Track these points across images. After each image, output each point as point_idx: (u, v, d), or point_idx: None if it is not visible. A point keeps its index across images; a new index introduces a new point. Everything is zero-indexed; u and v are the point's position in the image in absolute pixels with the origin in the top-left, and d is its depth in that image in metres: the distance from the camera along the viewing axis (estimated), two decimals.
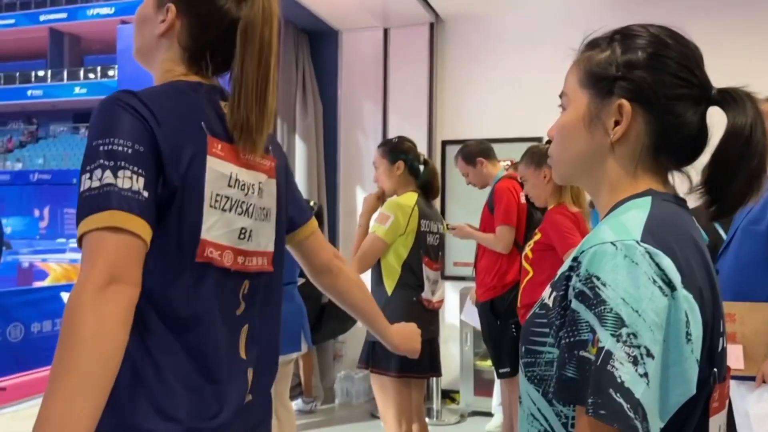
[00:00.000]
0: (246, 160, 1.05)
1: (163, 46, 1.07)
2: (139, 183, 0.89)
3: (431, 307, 2.63)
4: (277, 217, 1.14)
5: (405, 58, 4.56)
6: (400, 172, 2.66)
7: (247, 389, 1.05)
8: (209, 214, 0.98)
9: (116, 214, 0.86)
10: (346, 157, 4.65)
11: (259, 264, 1.08)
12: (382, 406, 2.63)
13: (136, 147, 0.90)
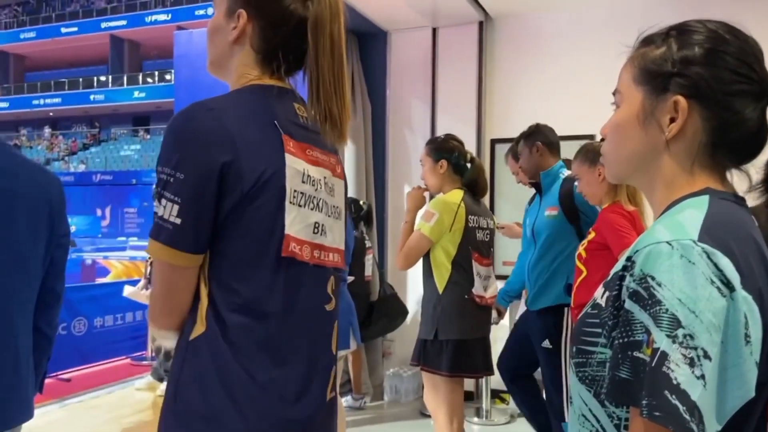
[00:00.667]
0: (312, 157, 1.09)
1: (237, 52, 1.10)
2: (173, 211, 0.95)
3: (483, 303, 2.62)
4: (345, 218, 1.18)
5: (454, 56, 4.55)
6: (443, 170, 2.67)
7: (332, 385, 1.08)
8: (290, 210, 1.01)
9: (155, 244, 0.98)
10: (395, 156, 4.67)
11: (334, 260, 1.11)
12: (433, 404, 2.63)
13: (178, 175, 0.95)
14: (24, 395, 1.58)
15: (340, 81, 1.07)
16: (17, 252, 1.54)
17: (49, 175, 1.69)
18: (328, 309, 1.08)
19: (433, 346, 2.56)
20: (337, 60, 1.06)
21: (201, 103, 1.00)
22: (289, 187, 1.01)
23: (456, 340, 2.54)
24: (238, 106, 1.02)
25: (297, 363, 1.01)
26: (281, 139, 1.02)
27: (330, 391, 1.07)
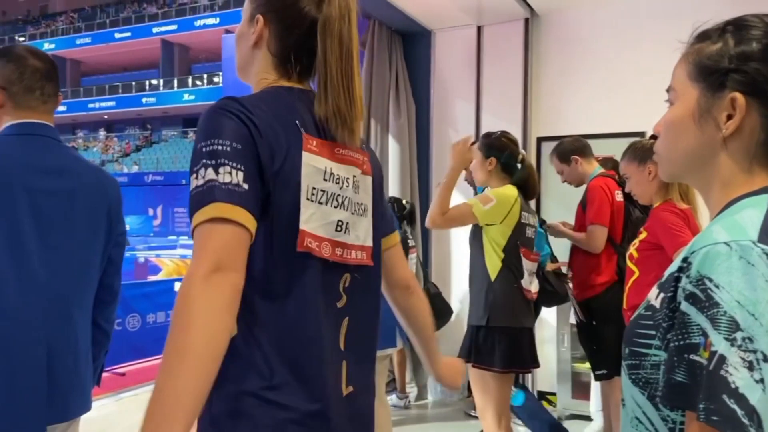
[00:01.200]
0: (340, 155, 1.10)
1: (257, 56, 1.15)
2: (239, 177, 0.95)
3: (529, 297, 2.63)
4: (374, 214, 1.18)
5: (499, 54, 4.50)
6: (491, 168, 2.68)
7: (346, 380, 1.09)
8: (306, 206, 1.03)
9: (219, 206, 0.92)
10: (439, 155, 4.65)
11: (358, 257, 1.12)
12: (481, 401, 2.62)
13: (234, 145, 0.96)
14: (83, 388, 1.65)
15: (349, 79, 1.08)
16: (78, 251, 1.60)
17: (107, 176, 1.76)
18: (339, 306, 1.09)
19: (486, 342, 2.55)
20: (345, 59, 1.08)
21: (237, 98, 1.03)
22: (306, 184, 1.03)
23: (508, 330, 2.55)
24: (265, 104, 1.04)
25: (305, 356, 1.02)
26: (301, 137, 1.04)
27: (346, 386, 1.08)
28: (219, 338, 0.88)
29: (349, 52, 1.08)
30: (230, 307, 0.90)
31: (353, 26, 1.10)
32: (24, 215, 1.50)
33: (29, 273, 1.50)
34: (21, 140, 1.56)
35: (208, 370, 0.86)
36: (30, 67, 1.59)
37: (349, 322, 1.11)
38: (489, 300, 2.56)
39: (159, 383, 0.84)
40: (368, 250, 1.15)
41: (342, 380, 1.08)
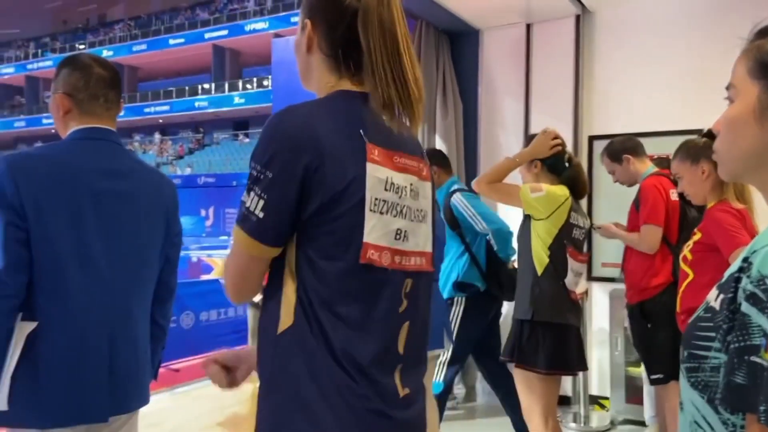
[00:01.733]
0: (399, 164, 1.11)
1: (313, 62, 1.15)
2: (258, 205, 1.02)
3: (573, 297, 2.59)
4: (432, 219, 1.19)
5: (549, 52, 4.44)
6: (536, 170, 2.65)
7: (402, 383, 1.10)
8: (369, 218, 1.04)
9: (236, 229, 1.06)
10: (487, 155, 4.61)
11: (417, 264, 1.13)
12: (526, 403, 2.59)
13: (267, 174, 1.01)
14: (142, 382, 1.71)
15: (397, 64, 1.06)
16: (138, 250, 1.67)
17: (165, 179, 1.83)
18: (400, 311, 1.11)
19: (530, 340, 2.52)
20: (390, 44, 1.06)
21: (295, 107, 1.05)
22: (369, 195, 1.03)
23: (553, 327, 2.51)
24: (328, 113, 1.05)
25: (371, 361, 1.04)
26: (365, 148, 1.05)
27: (402, 388, 1.09)
28: None
29: (394, 37, 1.07)
30: None
31: (395, 10, 1.09)
32: (89, 217, 1.56)
33: (94, 271, 1.56)
34: (86, 144, 1.64)
35: None
36: (95, 75, 1.66)
37: (408, 326, 1.12)
38: (535, 294, 2.54)
39: None
40: (428, 256, 1.16)
41: (399, 383, 1.09)
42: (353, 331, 1.03)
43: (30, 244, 1.48)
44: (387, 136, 1.10)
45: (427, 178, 1.18)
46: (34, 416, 1.50)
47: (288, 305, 1.04)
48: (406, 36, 1.10)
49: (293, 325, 1.03)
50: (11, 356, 1.47)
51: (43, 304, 1.50)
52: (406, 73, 1.07)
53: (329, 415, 1.00)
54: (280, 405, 1.03)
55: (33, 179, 1.50)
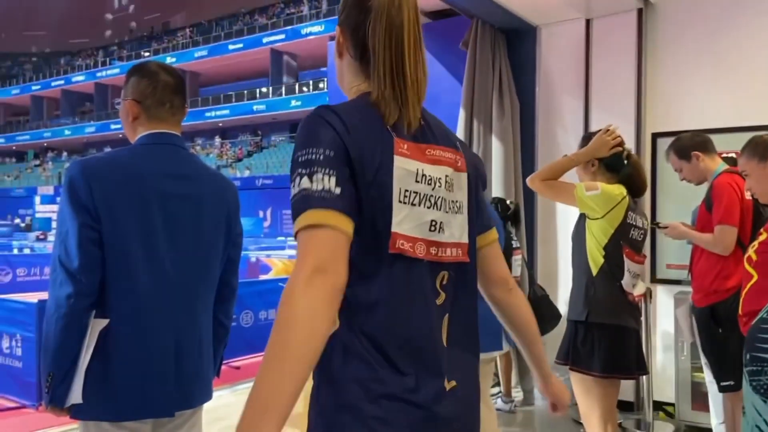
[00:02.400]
0: (432, 156, 1.12)
1: (344, 67, 1.19)
2: (331, 182, 0.99)
3: (630, 299, 2.52)
4: (469, 210, 1.19)
5: (609, 47, 4.32)
6: (594, 169, 2.60)
7: (448, 375, 1.10)
8: (398, 209, 1.05)
9: (313, 212, 0.97)
10: (544, 154, 4.53)
11: (454, 255, 1.13)
12: (584, 407, 2.53)
13: (327, 152, 1.01)
14: (206, 379, 1.77)
15: (399, 66, 1.08)
16: (202, 251, 1.73)
17: (226, 181, 1.88)
18: (438, 303, 1.10)
19: (585, 342, 2.47)
20: (395, 45, 1.08)
21: (330, 106, 1.08)
22: (398, 187, 1.05)
23: (609, 329, 2.45)
24: (356, 110, 1.08)
25: (406, 352, 1.04)
26: (393, 142, 1.06)
27: (448, 381, 1.09)
28: (318, 337, 0.91)
29: (400, 38, 1.09)
30: (330, 307, 0.94)
31: (406, 11, 1.10)
32: (156, 218, 1.63)
33: (161, 271, 1.63)
34: (153, 149, 1.70)
35: (304, 368, 0.89)
36: (161, 82, 1.73)
37: (449, 318, 1.13)
38: (590, 295, 2.48)
39: (258, 379, 0.88)
40: (464, 247, 1.16)
41: (445, 375, 1.09)
42: (390, 325, 1.03)
43: (102, 245, 1.55)
44: (418, 130, 1.12)
45: (463, 169, 1.18)
46: (106, 410, 1.57)
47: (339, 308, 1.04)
48: (415, 37, 1.11)
49: (339, 327, 1.04)
50: (85, 352, 1.54)
51: (113, 302, 1.57)
52: (406, 75, 1.09)
53: (374, 412, 1.00)
54: (327, 406, 1.04)
55: (105, 183, 1.57)
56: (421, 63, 1.12)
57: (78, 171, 1.56)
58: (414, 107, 1.11)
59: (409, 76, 1.09)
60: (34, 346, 4.25)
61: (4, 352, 4.50)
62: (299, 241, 0.97)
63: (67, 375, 1.54)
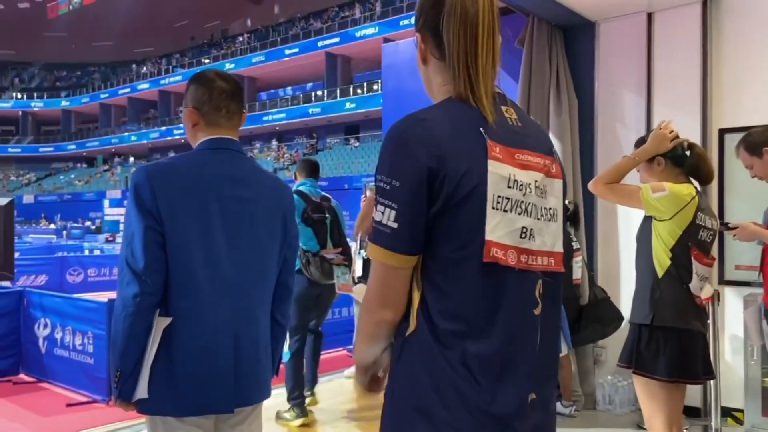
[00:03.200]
0: (521, 161, 1.09)
1: (431, 72, 1.18)
2: (390, 216, 1.02)
3: (698, 302, 2.44)
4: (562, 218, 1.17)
5: (672, 41, 4.16)
6: (661, 167, 2.52)
7: (532, 387, 1.08)
8: (491, 215, 1.03)
9: (373, 247, 1.06)
10: (604, 152, 4.41)
11: (545, 264, 1.11)
12: (648, 412, 2.45)
13: (394, 183, 1.02)
14: (264, 376, 1.81)
15: (473, 57, 1.08)
16: (259, 252, 1.77)
17: (282, 184, 1.92)
18: (536, 313, 1.08)
19: (649, 345, 2.39)
20: (469, 38, 1.08)
21: (413, 114, 1.07)
22: (492, 193, 1.03)
23: (675, 333, 2.38)
24: (445, 115, 1.06)
25: (496, 361, 1.03)
26: (486, 145, 1.04)
27: (531, 392, 1.07)
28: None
29: (474, 29, 1.08)
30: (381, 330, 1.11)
31: (481, 9, 1.09)
32: (216, 220, 1.68)
33: (220, 272, 1.68)
34: (212, 154, 1.76)
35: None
36: (217, 89, 1.78)
37: (543, 329, 1.11)
38: (655, 297, 2.41)
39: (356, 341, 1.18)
40: (557, 256, 1.14)
41: (530, 388, 1.08)
42: (479, 334, 1.02)
43: (165, 247, 1.61)
44: (512, 134, 1.10)
45: (557, 175, 1.16)
46: (170, 405, 1.63)
47: (413, 310, 1.06)
48: (489, 28, 1.10)
49: (416, 329, 1.05)
50: (150, 349, 1.61)
51: (176, 302, 1.63)
52: (478, 64, 1.08)
53: (449, 420, 1.01)
54: (402, 410, 1.05)
55: (168, 187, 1.64)
56: (493, 53, 1.11)
57: (143, 177, 1.63)
58: (486, 97, 1.09)
59: (481, 65, 1.09)
60: (105, 344, 4.45)
61: (77, 349, 4.73)
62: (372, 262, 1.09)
63: (134, 371, 1.61)
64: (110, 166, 46.48)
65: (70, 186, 45.16)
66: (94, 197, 39.62)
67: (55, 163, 50.57)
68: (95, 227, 31.77)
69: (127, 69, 50.54)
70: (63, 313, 4.93)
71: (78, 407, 4.39)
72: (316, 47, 34.93)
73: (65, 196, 42.43)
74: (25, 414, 4.24)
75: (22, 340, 5.29)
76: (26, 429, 3.89)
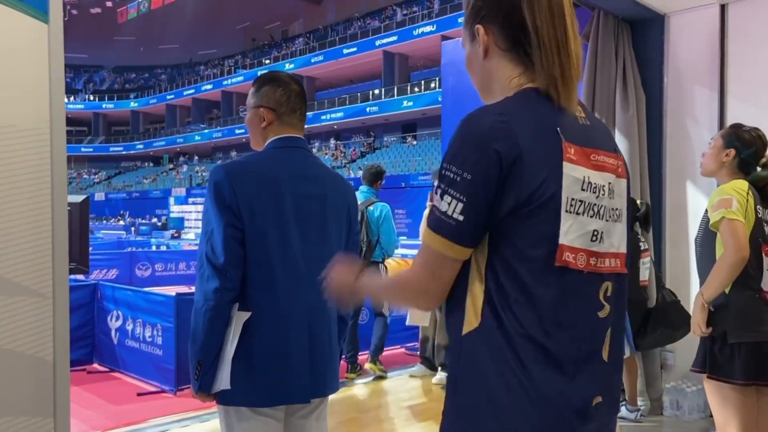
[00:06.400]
0: (597, 162, 1.07)
1: (493, 66, 1.12)
2: (457, 208, 1.00)
3: None
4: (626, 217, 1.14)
5: (748, 33, 3.97)
6: (727, 159, 2.42)
7: (597, 390, 1.06)
8: (565, 219, 1.01)
9: (430, 233, 1.04)
10: (674, 150, 4.25)
11: (612, 265, 1.09)
12: (721, 419, 2.35)
13: (465, 175, 0.99)
14: (335, 369, 1.86)
15: (563, 43, 1.04)
16: (328, 248, 1.81)
17: (346, 182, 1.97)
18: (601, 316, 1.06)
19: (723, 350, 2.29)
20: (558, 24, 1.04)
21: (488, 106, 1.05)
22: (566, 196, 1.01)
23: (751, 343, 2.28)
24: (520, 110, 1.03)
25: (564, 366, 1.01)
26: (561, 146, 1.01)
27: (596, 395, 1.05)
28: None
29: (562, 16, 1.05)
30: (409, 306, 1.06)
31: None
32: (290, 216, 1.73)
33: (294, 267, 1.72)
34: (285, 152, 1.81)
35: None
36: (294, 91, 1.85)
37: (611, 332, 1.09)
38: (726, 312, 2.32)
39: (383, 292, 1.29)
40: (622, 258, 1.11)
41: (596, 391, 1.05)
42: (546, 334, 1.00)
43: (244, 243, 1.67)
44: (584, 133, 1.07)
45: (623, 175, 1.13)
46: (248, 396, 1.68)
47: (475, 306, 1.03)
48: (572, 14, 1.07)
49: (480, 325, 1.03)
50: (231, 342, 1.66)
51: (254, 296, 1.68)
52: (570, 50, 1.05)
53: (519, 417, 0.99)
54: (468, 406, 1.04)
55: (246, 184, 1.69)
56: (579, 38, 1.09)
57: (222, 174, 1.68)
58: (576, 88, 1.07)
59: (573, 52, 1.06)
60: (173, 336, 4.62)
61: (147, 341, 4.93)
62: (422, 247, 1.06)
63: (213, 363, 1.67)
64: (175, 165, 48.15)
65: (138, 184, 47.08)
66: (160, 195, 41.13)
67: (124, 162, 52.85)
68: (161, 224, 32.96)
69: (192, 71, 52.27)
70: (134, 306, 5.15)
71: (148, 396, 4.57)
72: (374, 46, 35.10)
73: (133, 194, 44.26)
74: (98, 402, 4.44)
75: (95, 331, 5.55)
76: (100, 417, 4.08)
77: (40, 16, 1.63)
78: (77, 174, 50.89)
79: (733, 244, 2.24)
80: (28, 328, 1.58)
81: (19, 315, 1.57)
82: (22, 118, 1.59)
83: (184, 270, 11.98)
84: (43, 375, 1.62)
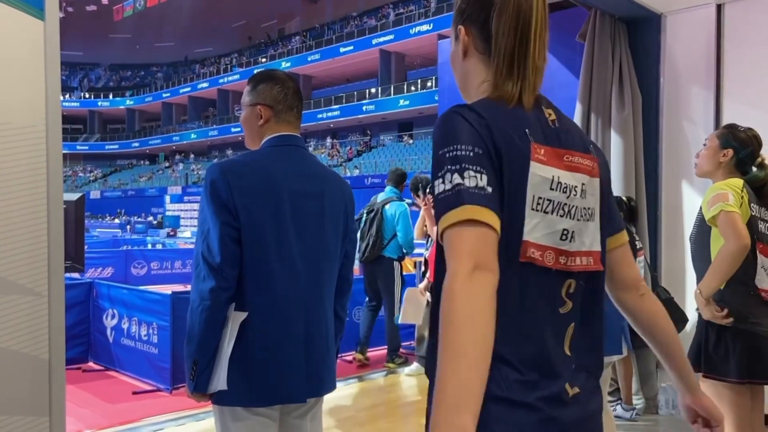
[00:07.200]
0: (570, 163, 1.08)
1: (470, 67, 1.15)
2: (483, 180, 0.97)
3: (764, 297, 2.35)
4: (601, 216, 1.15)
5: (745, 33, 3.98)
6: (724, 159, 2.44)
7: (570, 382, 1.07)
8: (531, 216, 1.02)
9: (468, 208, 0.95)
10: (669, 149, 4.26)
11: (584, 264, 1.10)
12: None
13: (476, 150, 0.99)
14: (332, 368, 1.85)
15: (523, 46, 1.06)
16: (326, 246, 1.81)
17: (343, 180, 1.96)
18: (562, 312, 1.07)
19: (716, 348, 2.31)
20: (520, 34, 1.06)
21: (468, 105, 1.06)
22: (531, 194, 1.02)
23: (745, 333, 2.29)
24: (496, 111, 1.05)
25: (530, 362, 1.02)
26: (530, 147, 1.03)
27: (571, 388, 1.06)
28: (488, 332, 0.91)
29: (527, 22, 1.06)
30: (492, 302, 0.93)
31: (534, 6, 1.07)
32: (287, 214, 1.72)
33: (292, 264, 1.72)
34: (281, 150, 1.81)
35: (481, 362, 0.90)
36: (291, 89, 1.85)
37: (575, 327, 1.09)
38: (718, 301, 2.34)
39: (441, 379, 0.89)
40: (596, 255, 1.12)
41: (566, 381, 1.06)
42: (511, 330, 1.01)
43: (240, 242, 1.66)
44: (555, 134, 1.09)
45: (597, 174, 1.14)
46: (245, 396, 1.68)
47: None
48: (542, 22, 1.08)
49: None
50: (229, 343, 1.65)
51: (250, 295, 1.68)
52: (527, 59, 1.07)
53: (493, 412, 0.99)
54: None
55: (243, 183, 1.68)
56: (544, 50, 1.10)
57: (219, 173, 1.68)
58: (533, 95, 1.09)
59: (531, 61, 1.07)
60: (169, 335, 4.61)
61: (143, 339, 4.92)
62: (450, 238, 0.96)
63: (210, 363, 1.66)
64: (171, 163, 48.05)
65: (133, 182, 46.96)
66: (156, 193, 41.04)
67: (120, 160, 52.72)
68: (157, 222, 32.91)
69: (188, 69, 52.14)
70: (129, 305, 5.14)
71: (143, 395, 4.56)
72: (371, 45, 35.08)
73: (129, 192, 44.16)
74: (94, 401, 4.43)
75: (91, 330, 5.54)
76: (96, 415, 4.07)
77: (36, 14, 1.62)
78: (73, 172, 50.74)
79: (734, 233, 2.24)
80: (24, 327, 1.58)
81: (15, 313, 1.56)
82: (18, 115, 1.58)
83: (179, 268, 11.96)
84: (39, 373, 1.61)
